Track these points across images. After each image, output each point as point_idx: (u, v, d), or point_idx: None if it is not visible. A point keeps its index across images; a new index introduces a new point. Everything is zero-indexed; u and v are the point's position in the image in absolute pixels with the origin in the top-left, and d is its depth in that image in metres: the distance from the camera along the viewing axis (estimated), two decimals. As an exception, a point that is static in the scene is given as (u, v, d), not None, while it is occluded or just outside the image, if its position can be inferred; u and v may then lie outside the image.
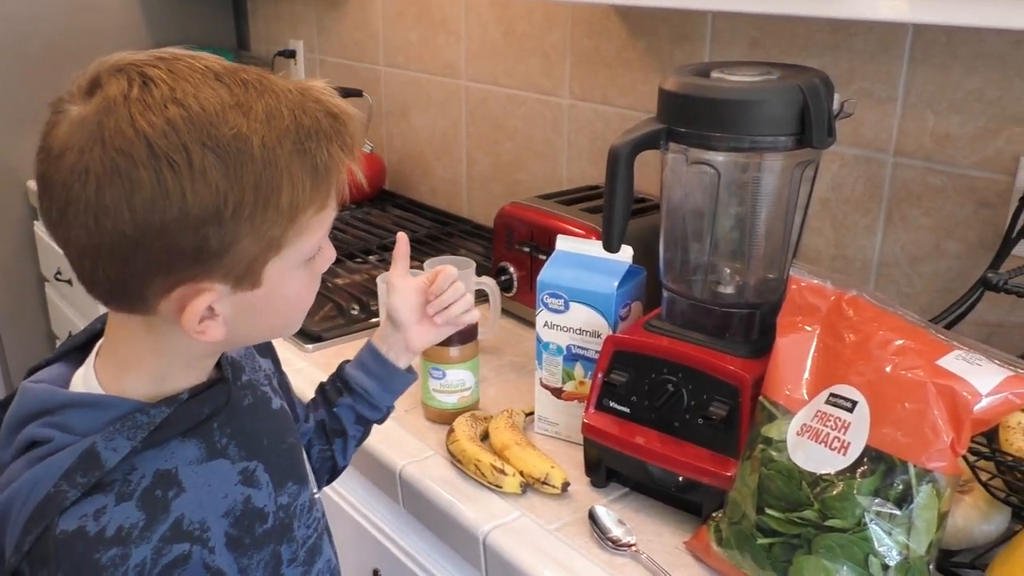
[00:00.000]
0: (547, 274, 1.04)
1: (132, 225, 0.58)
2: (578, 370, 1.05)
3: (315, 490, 0.81)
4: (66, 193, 0.58)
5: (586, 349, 1.03)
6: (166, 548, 0.63)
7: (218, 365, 0.73)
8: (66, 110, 0.59)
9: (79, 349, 0.71)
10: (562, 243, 1.08)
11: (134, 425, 0.64)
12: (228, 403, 0.70)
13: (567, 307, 1.03)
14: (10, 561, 0.61)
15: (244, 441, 0.71)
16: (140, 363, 0.67)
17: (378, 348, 0.92)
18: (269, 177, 0.60)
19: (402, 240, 0.96)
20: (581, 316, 1.02)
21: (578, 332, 1.03)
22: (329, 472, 0.93)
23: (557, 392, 1.06)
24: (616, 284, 1.00)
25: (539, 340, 1.06)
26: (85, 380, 0.68)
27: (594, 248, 1.04)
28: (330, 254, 0.72)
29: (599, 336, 1.01)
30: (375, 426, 0.95)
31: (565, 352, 1.04)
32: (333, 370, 0.94)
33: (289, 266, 0.65)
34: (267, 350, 0.86)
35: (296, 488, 0.75)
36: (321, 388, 0.94)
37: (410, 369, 0.93)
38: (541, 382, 1.08)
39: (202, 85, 0.59)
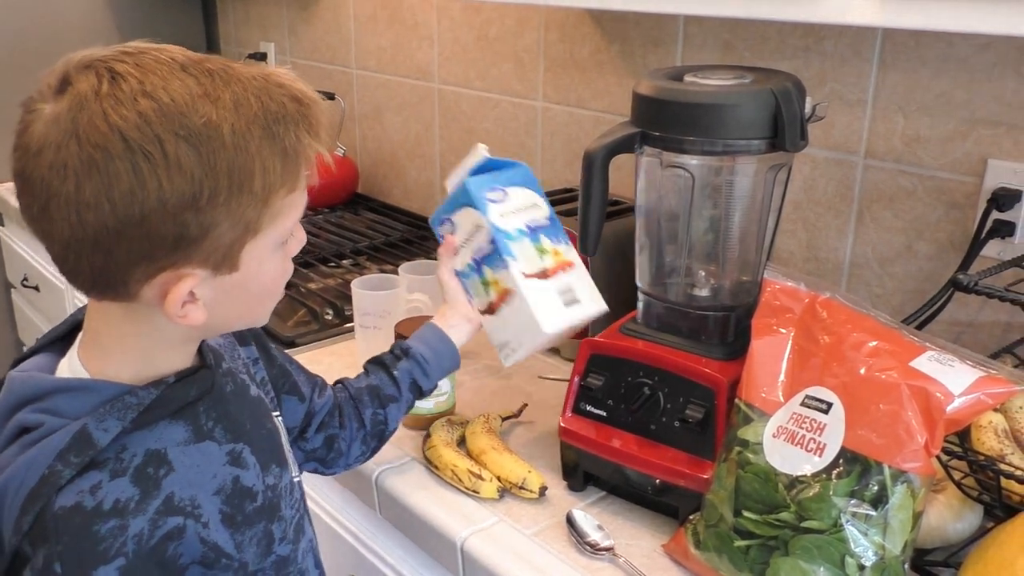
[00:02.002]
0: (434, 214, 1.02)
1: (113, 217, 0.60)
2: (488, 274, 0.97)
3: (295, 473, 0.83)
4: (47, 189, 0.60)
5: (480, 248, 0.97)
6: (161, 520, 0.66)
7: (199, 353, 0.75)
8: (39, 109, 0.61)
9: (61, 339, 0.73)
10: (448, 185, 1.02)
11: (124, 406, 0.66)
12: (213, 388, 0.73)
13: (454, 225, 1.00)
14: (10, 542, 0.63)
15: (229, 425, 0.73)
16: (123, 349, 0.69)
17: (438, 324, 1.00)
18: (241, 162, 0.62)
19: (447, 243, 1.01)
20: (466, 222, 0.98)
21: (469, 239, 0.98)
22: (378, 436, 0.97)
23: (490, 309, 0.99)
24: (469, 173, 0.97)
25: (457, 274, 1.01)
26: (71, 367, 0.70)
27: (460, 169, 0.99)
28: (301, 237, 0.74)
29: (482, 227, 0.96)
30: (390, 434, 0.98)
31: (473, 264, 0.99)
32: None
33: (265, 249, 0.67)
34: (249, 339, 0.87)
35: (279, 470, 0.78)
36: (375, 360, 0.99)
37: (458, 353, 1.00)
38: (480, 313, 1.01)
39: (170, 77, 0.61)
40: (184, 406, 0.70)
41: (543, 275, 0.96)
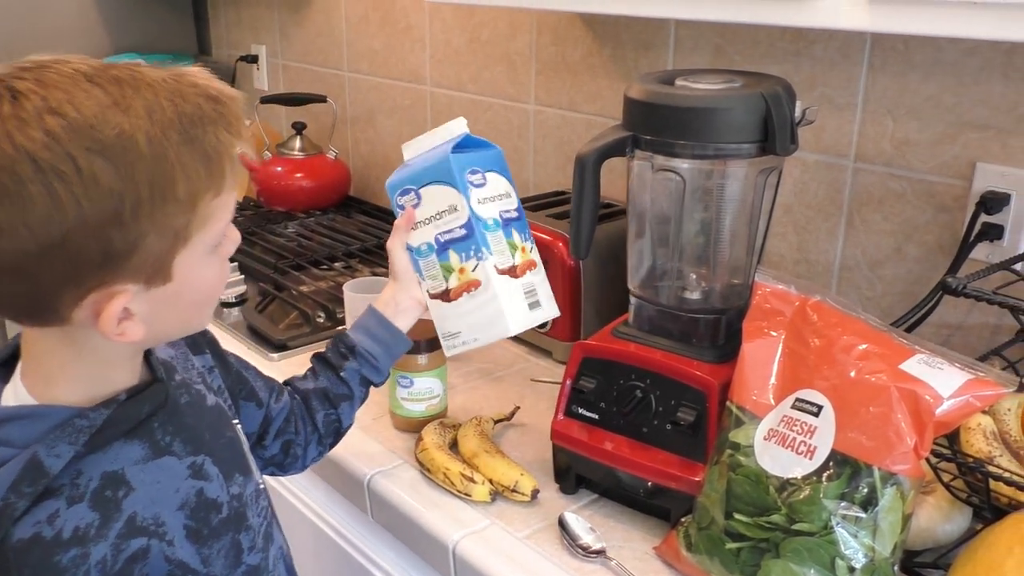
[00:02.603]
0: (392, 178, 0.96)
1: (32, 242, 0.57)
2: (453, 258, 0.93)
3: (259, 481, 0.82)
4: None
5: (451, 231, 0.93)
6: (124, 544, 0.64)
7: (149, 367, 0.74)
8: None
9: (2, 365, 0.70)
10: (406, 151, 0.99)
11: (74, 430, 0.64)
12: (167, 402, 0.71)
13: (419, 197, 0.94)
14: None
15: (187, 437, 0.72)
16: (65, 373, 0.67)
17: (382, 312, 0.96)
18: (162, 171, 0.60)
19: (407, 215, 0.95)
20: (435, 199, 0.93)
21: (437, 216, 0.93)
22: (334, 435, 0.96)
23: (445, 295, 0.95)
24: (449, 149, 0.92)
25: (410, 249, 0.96)
26: (16, 395, 0.67)
27: (428, 137, 0.97)
28: (235, 236, 0.72)
29: (457, 209, 0.92)
30: (345, 431, 0.98)
31: (436, 246, 0.94)
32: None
33: (198, 256, 0.66)
34: (203, 346, 0.85)
35: (243, 479, 0.77)
36: (321, 357, 0.97)
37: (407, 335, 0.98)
38: (429, 295, 0.96)
39: (74, 90, 0.58)
40: (138, 424, 0.68)
41: (512, 272, 0.94)
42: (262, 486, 0.82)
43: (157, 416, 0.70)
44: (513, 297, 0.93)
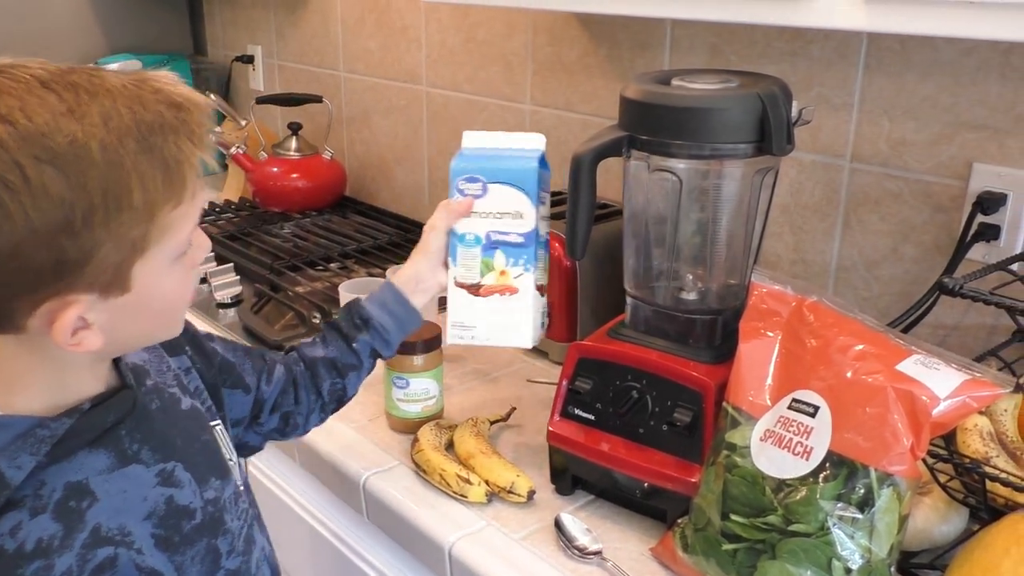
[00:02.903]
0: (460, 159, 0.95)
1: None
2: (498, 259, 0.94)
3: (239, 482, 0.81)
4: None
5: (507, 234, 0.94)
6: (90, 553, 0.63)
7: (119, 372, 0.72)
8: None
9: None
10: (468, 139, 0.99)
11: (36, 440, 0.63)
12: (135, 409, 0.70)
13: (485, 190, 0.94)
14: None
15: (156, 444, 0.71)
16: (25, 382, 0.66)
17: (400, 288, 0.96)
18: (116, 180, 0.59)
19: (466, 202, 0.95)
20: (502, 198, 0.94)
21: (498, 216, 0.94)
22: (337, 402, 0.96)
23: (474, 289, 0.96)
24: (537, 161, 0.94)
25: (453, 234, 0.95)
26: None
27: (500, 138, 0.97)
28: (203, 243, 0.71)
29: (522, 217, 0.93)
30: (349, 399, 0.98)
31: (484, 241, 0.95)
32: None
33: (159, 265, 0.64)
34: (182, 345, 0.84)
35: (220, 483, 0.76)
36: (334, 325, 0.96)
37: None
38: (455, 281, 0.96)
39: (27, 96, 0.57)
40: (103, 432, 0.67)
41: (542, 290, 0.97)
42: (242, 487, 0.81)
43: (124, 424, 0.69)
44: (537, 313, 0.96)
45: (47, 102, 0.58)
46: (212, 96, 2.00)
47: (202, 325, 1.27)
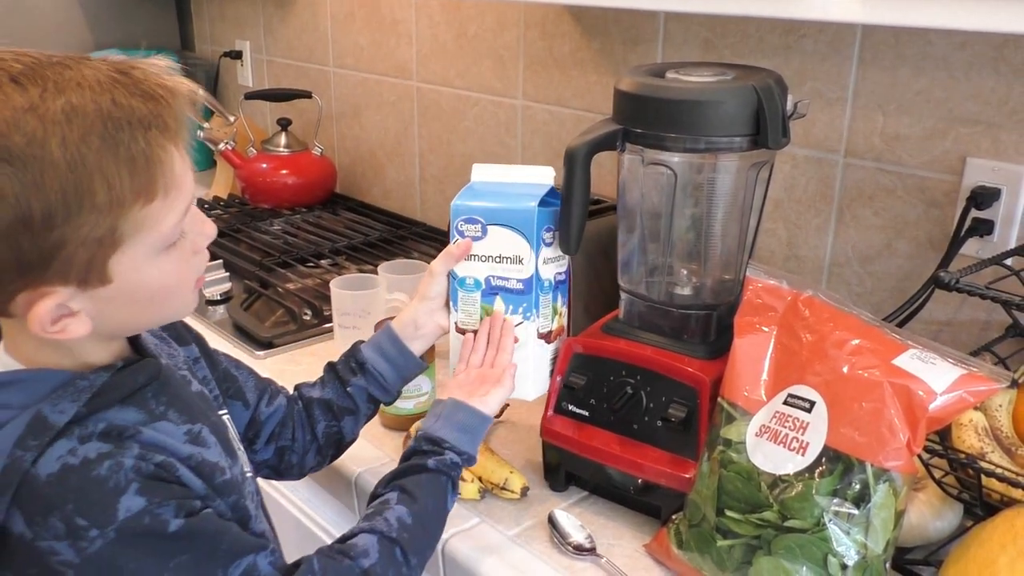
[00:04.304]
0: (461, 200, 0.93)
1: None
2: (498, 305, 0.93)
3: (247, 470, 0.81)
4: None
5: (507, 279, 0.92)
6: (148, 454, 0.64)
7: (138, 347, 0.73)
8: None
9: None
10: (477, 172, 0.97)
11: (76, 389, 0.64)
12: (160, 375, 0.71)
13: (485, 232, 0.92)
14: None
15: (182, 407, 0.71)
16: (46, 351, 0.67)
17: (398, 333, 0.94)
18: (76, 179, 0.58)
19: (464, 245, 0.93)
20: (501, 241, 0.91)
21: (497, 260, 0.92)
22: (335, 447, 0.94)
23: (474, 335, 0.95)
24: (538, 201, 0.91)
25: (453, 277, 0.94)
26: (4, 365, 0.67)
27: (510, 172, 0.96)
28: (207, 230, 0.71)
29: (521, 262, 0.91)
30: (348, 444, 0.96)
31: (484, 286, 0.93)
32: (288, 375, 0.95)
33: (140, 258, 0.64)
34: (189, 339, 0.84)
35: (231, 460, 0.76)
36: (332, 367, 0.95)
37: (423, 357, 0.96)
38: (456, 326, 0.95)
39: None
40: (133, 392, 0.68)
41: (548, 338, 0.95)
42: (249, 474, 0.81)
43: (150, 387, 0.70)
44: (540, 363, 0.95)
45: (11, 98, 0.57)
46: (200, 91, 1.98)
47: (191, 322, 1.25)
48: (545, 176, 0.94)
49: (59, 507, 0.61)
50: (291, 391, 0.95)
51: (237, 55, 2.32)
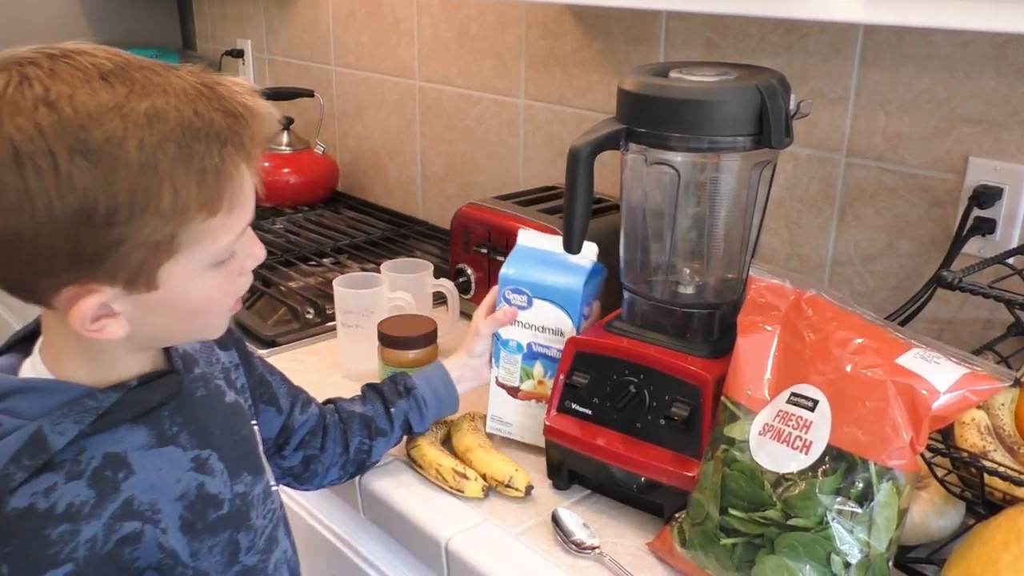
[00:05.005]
0: (510, 269, 1.02)
1: (5, 229, 0.58)
2: (537, 369, 1.02)
3: (272, 482, 0.82)
4: None
5: (547, 348, 1.01)
6: (117, 525, 0.64)
7: (169, 358, 0.73)
8: None
9: (26, 340, 0.71)
10: (524, 237, 1.06)
11: (82, 409, 0.64)
12: (179, 392, 0.71)
13: (531, 303, 1.01)
14: None
15: (196, 430, 0.72)
16: (73, 353, 0.67)
17: (448, 371, 1.01)
18: (147, 182, 0.58)
19: (511, 313, 1.02)
20: (545, 313, 1.00)
21: (540, 330, 1.01)
22: (358, 465, 0.97)
23: (513, 391, 1.04)
24: (583, 282, 0.99)
25: (498, 337, 1.03)
26: (34, 367, 0.68)
27: (555, 244, 1.02)
28: (257, 253, 0.71)
29: (561, 335, 1.00)
30: (371, 465, 1.00)
31: (525, 350, 1.02)
32: (290, 374, 0.96)
33: (192, 269, 0.64)
34: (230, 343, 0.85)
35: (251, 478, 0.76)
36: (374, 387, 1.00)
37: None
38: (497, 380, 1.05)
39: (81, 86, 0.58)
40: (146, 411, 0.68)
41: None
42: (274, 488, 0.82)
43: (168, 406, 0.70)
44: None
45: (98, 94, 0.58)
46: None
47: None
48: (590, 252, 1.00)
49: (1, 544, 0.60)
50: (320, 401, 0.97)
51: (239, 54, 2.32)
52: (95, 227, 0.58)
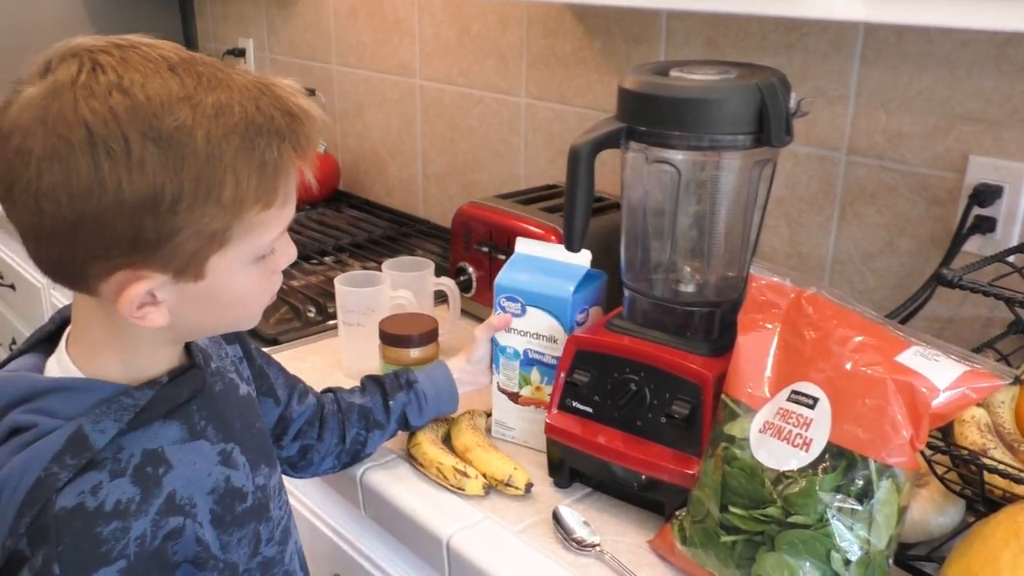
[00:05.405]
0: (504, 277, 1.03)
1: (70, 210, 0.58)
2: (534, 375, 1.03)
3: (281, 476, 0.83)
4: (11, 174, 0.59)
5: (542, 354, 1.02)
6: (163, 520, 0.65)
7: (188, 352, 0.75)
8: (20, 91, 0.60)
9: (46, 340, 0.72)
10: (521, 245, 1.07)
11: (120, 407, 0.65)
12: (204, 387, 0.72)
13: (524, 311, 1.02)
14: (6, 544, 0.62)
15: (219, 424, 0.73)
16: (107, 345, 0.68)
17: (453, 371, 1.03)
18: (211, 171, 0.60)
19: (504, 319, 1.03)
20: (538, 321, 1.01)
21: (535, 336, 1.02)
22: (353, 456, 0.98)
23: (514, 397, 1.05)
24: (572, 289, 0.99)
25: (496, 344, 1.05)
26: (61, 366, 0.68)
27: (553, 251, 1.03)
28: (290, 252, 0.72)
29: (555, 341, 1.00)
30: (364, 457, 1.00)
31: (522, 357, 1.03)
32: (292, 372, 0.97)
33: (237, 262, 0.65)
34: (234, 337, 0.86)
35: (268, 470, 0.78)
36: (374, 379, 1.00)
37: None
38: (498, 386, 1.06)
39: (152, 75, 0.59)
40: (177, 406, 0.69)
41: None
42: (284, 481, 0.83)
43: (195, 400, 0.71)
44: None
45: (168, 84, 0.59)
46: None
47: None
48: (583, 259, 1.01)
49: (52, 543, 0.61)
50: (318, 391, 0.98)
51: (240, 53, 2.32)
52: (159, 213, 0.59)
